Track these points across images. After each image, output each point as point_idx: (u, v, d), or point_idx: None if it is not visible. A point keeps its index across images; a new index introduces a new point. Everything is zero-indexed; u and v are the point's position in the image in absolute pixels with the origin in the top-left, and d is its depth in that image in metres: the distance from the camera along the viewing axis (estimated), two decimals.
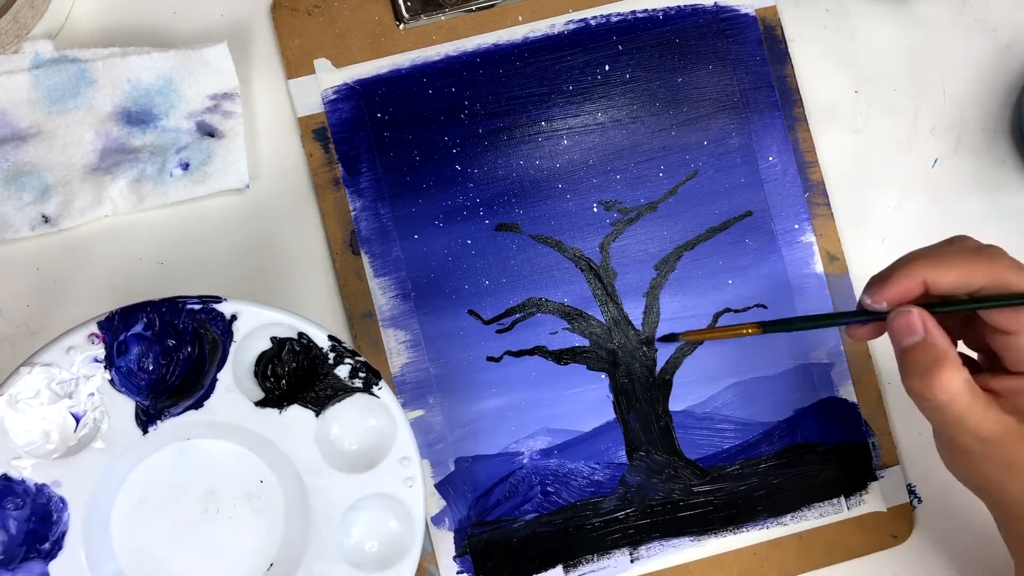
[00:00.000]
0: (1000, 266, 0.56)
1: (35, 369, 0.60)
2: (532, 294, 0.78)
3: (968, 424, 0.58)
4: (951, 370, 0.57)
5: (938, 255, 0.58)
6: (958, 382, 0.57)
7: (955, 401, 0.57)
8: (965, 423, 0.58)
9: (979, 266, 0.57)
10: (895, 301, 0.59)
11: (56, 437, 0.62)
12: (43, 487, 0.61)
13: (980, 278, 0.57)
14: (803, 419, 0.79)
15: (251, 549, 0.65)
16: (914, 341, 0.58)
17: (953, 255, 0.58)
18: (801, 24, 0.81)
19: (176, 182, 0.75)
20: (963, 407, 0.57)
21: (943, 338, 0.58)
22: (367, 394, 0.64)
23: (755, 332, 0.63)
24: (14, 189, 0.74)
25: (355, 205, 0.77)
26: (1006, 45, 0.82)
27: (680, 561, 0.77)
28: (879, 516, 0.79)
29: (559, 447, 0.77)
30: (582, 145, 0.78)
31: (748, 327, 0.64)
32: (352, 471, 0.64)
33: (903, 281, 0.58)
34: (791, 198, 0.79)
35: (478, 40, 0.78)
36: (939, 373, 0.57)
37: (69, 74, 0.74)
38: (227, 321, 0.62)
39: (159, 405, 0.62)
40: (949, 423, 0.59)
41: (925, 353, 0.58)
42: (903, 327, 0.58)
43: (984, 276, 0.57)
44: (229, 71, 0.76)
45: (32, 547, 0.61)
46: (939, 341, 0.57)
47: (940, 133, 0.82)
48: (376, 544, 0.65)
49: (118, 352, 0.61)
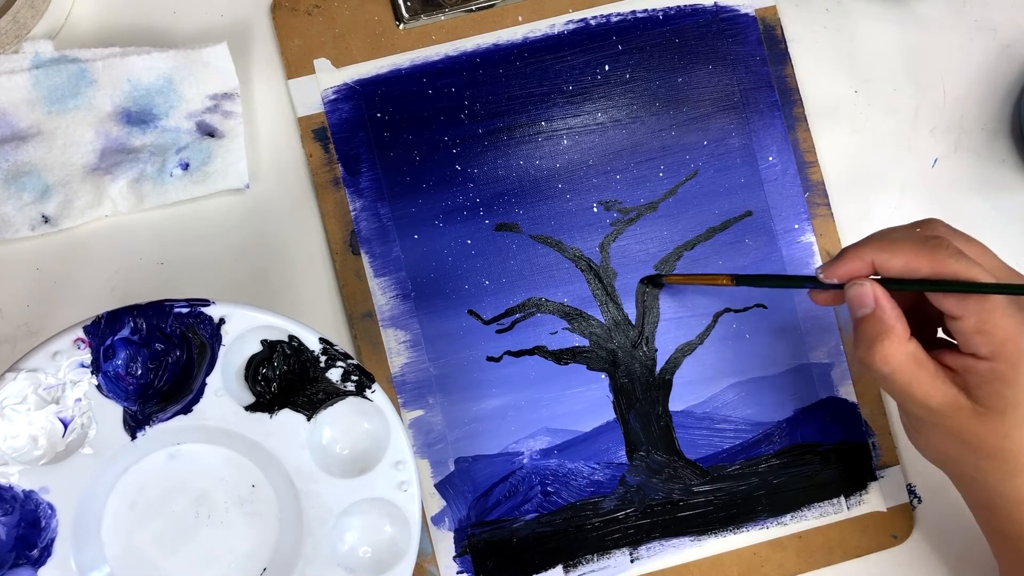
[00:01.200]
0: (942, 255, 0.57)
1: (20, 375, 0.57)
2: (532, 294, 0.75)
3: (915, 395, 0.59)
4: (895, 342, 0.58)
5: (889, 241, 0.60)
6: (901, 354, 0.58)
7: (898, 372, 0.59)
8: (912, 394, 0.59)
9: (923, 255, 0.58)
10: (844, 278, 0.61)
11: (44, 443, 0.59)
12: (31, 493, 0.58)
13: (924, 267, 0.58)
14: (803, 419, 0.76)
15: (244, 554, 0.62)
16: (864, 312, 0.59)
17: (902, 242, 0.59)
18: (801, 24, 0.78)
19: (176, 182, 0.72)
20: (907, 378, 0.59)
21: (892, 311, 0.59)
22: (360, 397, 0.61)
23: (728, 283, 0.69)
24: (14, 189, 0.71)
25: (355, 205, 0.73)
26: (1006, 45, 0.79)
27: (680, 561, 0.75)
28: (879, 516, 0.76)
29: (559, 447, 0.74)
30: (582, 145, 0.75)
31: (723, 277, 0.69)
32: (345, 475, 0.61)
33: (853, 262, 0.60)
34: (791, 198, 0.76)
35: (478, 40, 0.75)
36: (882, 344, 0.59)
37: (69, 74, 0.71)
38: (216, 324, 0.59)
39: (147, 410, 0.59)
40: (897, 393, 0.60)
41: (873, 325, 0.59)
42: (856, 298, 0.60)
43: (928, 265, 0.57)
44: (229, 71, 0.73)
45: (21, 554, 0.59)
46: (887, 315, 0.59)
47: (940, 133, 0.79)
48: (370, 549, 0.63)
49: (105, 357, 0.58)
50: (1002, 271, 0.60)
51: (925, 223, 0.61)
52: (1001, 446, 0.59)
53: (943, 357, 0.60)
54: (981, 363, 0.58)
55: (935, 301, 0.58)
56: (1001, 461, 0.59)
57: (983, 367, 0.57)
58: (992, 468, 0.60)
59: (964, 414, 0.59)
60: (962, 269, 0.56)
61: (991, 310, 0.57)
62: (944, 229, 0.60)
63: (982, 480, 0.61)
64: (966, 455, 0.61)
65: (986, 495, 0.62)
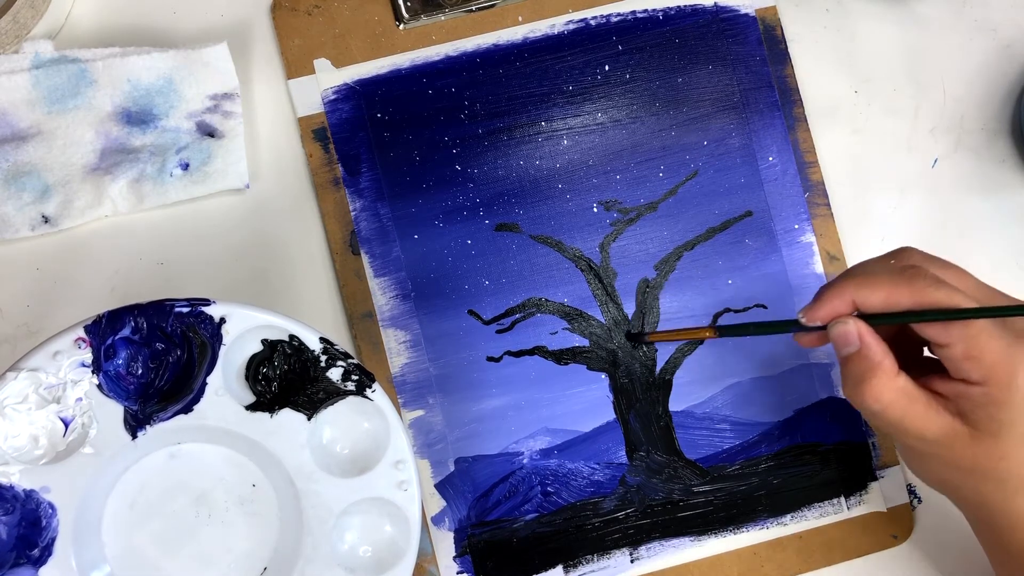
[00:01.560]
0: (920, 285, 0.57)
1: (21, 374, 0.57)
2: (532, 294, 0.74)
3: (909, 429, 0.59)
4: (883, 379, 0.58)
5: (866, 276, 0.59)
6: (890, 391, 0.58)
7: (890, 409, 0.59)
8: (905, 428, 0.59)
9: (901, 287, 0.58)
10: (825, 320, 0.60)
11: (44, 442, 0.58)
12: (32, 493, 0.58)
13: (905, 299, 0.58)
14: (803, 419, 0.75)
15: (244, 553, 0.62)
16: (850, 351, 0.59)
17: (880, 276, 0.59)
18: (801, 24, 0.78)
19: (176, 182, 0.72)
20: (899, 413, 0.59)
21: (878, 348, 0.59)
22: (360, 397, 0.60)
23: (712, 336, 0.69)
24: (14, 189, 0.71)
25: (355, 205, 0.73)
26: (1006, 45, 0.79)
27: (680, 561, 0.74)
28: (879, 516, 0.76)
29: (559, 447, 0.74)
30: (582, 145, 0.75)
31: (706, 330, 0.69)
32: (345, 475, 0.61)
33: (833, 302, 0.60)
34: (791, 198, 0.76)
35: (478, 40, 0.75)
36: (871, 383, 0.58)
37: (69, 74, 0.71)
38: (216, 324, 0.58)
39: (148, 410, 0.59)
40: (891, 428, 0.60)
41: (859, 364, 0.59)
42: (839, 337, 0.59)
43: (908, 297, 0.57)
44: (229, 71, 0.73)
45: (22, 553, 0.58)
46: (873, 351, 0.58)
47: (940, 133, 0.79)
48: (370, 549, 0.62)
49: (106, 356, 0.58)
50: (982, 292, 0.59)
51: (899, 253, 0.61)
52: (998, 467, 0.58)
53: (933, 384, 0.59)
54: (973, 388, 0.57)
55: (920, 331, 0.58)
56: (1000, 482, 0.59)
57: (975, 392, 0.57)
58: (991, 490, 0.60)
59: (960, 441, 0.58)
60: (943, 297, 0.56)
61: (977, 335, 0.56)
62: (919, 257, 0.60)
63: (982, 502, 0.61)
64: (966, 480, 0.61)
65: (988, 515, 0.62)
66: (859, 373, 0.58)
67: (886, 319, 0.58)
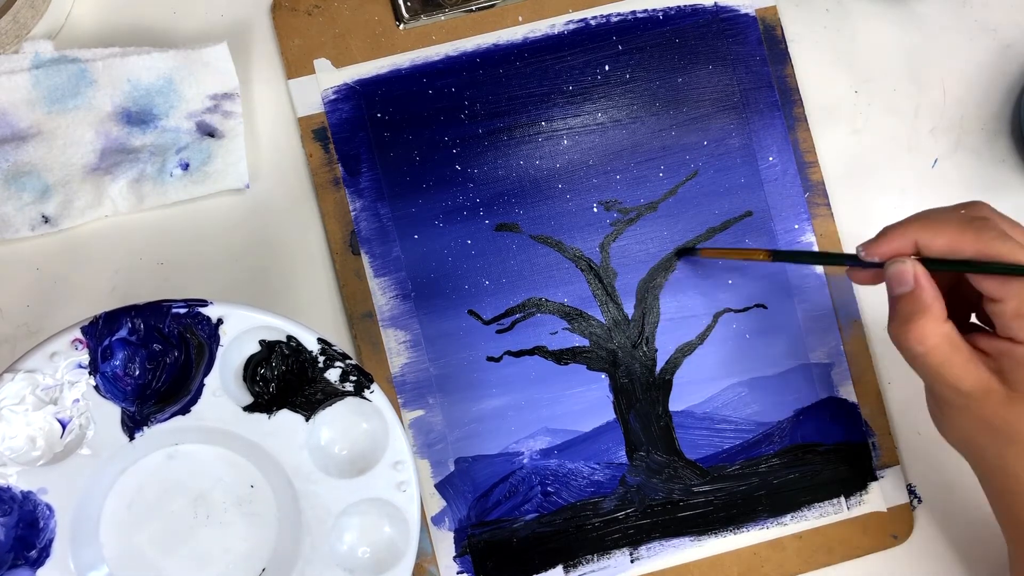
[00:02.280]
0: (987, 236, 0.56)
1: (18, 376, 0.56)
2: (532, 294, 0.74)
3: (947, 377, 0.58)
4: (930, 322, 0.58)
5: (933, 220, 0.59)
6: (936, 335, 0.58)
7: (932, 352, 0.58)
8: (944, 375, 0.58)
9: (967, 235, 0.57)
10: (885, 256, 0.60)
11: (42, 444, 0.58)
12: (29, 494, 0.58)
13: (969, 247, 0.57)
14: (803, 419, 0.75)
15: (243, 554, 0.62)
16: (903, 291, 0.59)
17: (947, 222, 0.58)
18: (801, 24, 0.77)
19: (176, 182, 0.72)
20: (941, 359, 0.58)
21: (931, 291, 0.58)
22: (359, 398, 0.60)
23: (765, 258, 0.69)
24: (14, 189, 0.71)
25: (355, 205, 0.73)
26: (1006, 45, 0.79)
27: (680, 561, 0.74)
28: (879, 516, 0.75)
29: (559, 447, 0.73)
30: (582, 145, 0.75)
31: (760, 252, 0.69)
32: (344, 476, 0.61)
33: (896, 240, 0.59)
34: (791, 198, 0.76)
35: (478, 40, 0.74)
36: (917, 323, 0.58)
37: (69, 74, 0.71)
38: (213, 325, 0.58)
39: (145, 411, 0.58)
40: (929, 374, 0.59)
41: (910, 304, 0.58)
42: (895, 276, 0.59)
43: (972, 246, 0.57)
44: (229, 71, 0.72)
45: (20, 554, 0.58)
46: (926, 294, 0.58)
47: (940, 133, 0.78)
48: (369, 550, 0.62)
49: (103, 357, 0.57)
50: None
51: (971, 205, 0.60)
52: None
53: (977, 341, 0.59)
54: (1018, 347, 0.57)
55: (976, 283, 0.58)
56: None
57: (1020, 351, 0.57)
58: (1015, 455, 0.59)
59: (994, 398, 0.58)
60: (1007, 251, 0.56)
61: None
62: (990, 211, 0.59)
63: (1003, 467, 0.60)
64: (990, 441, 0.60)
65: (1005, 482, 0.61)
66: (908, 313, 0.58)
67: (946, 265, 0.58)
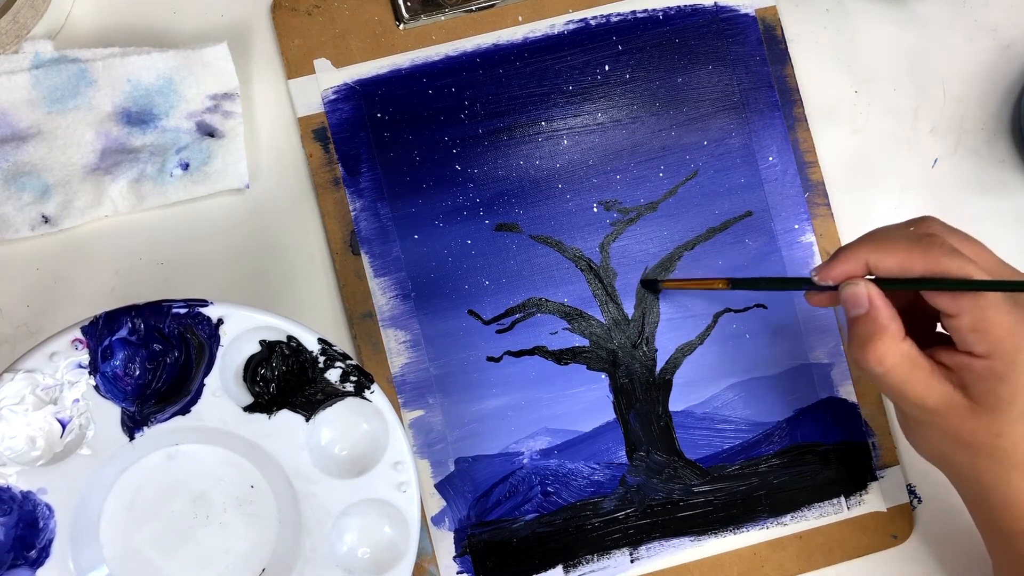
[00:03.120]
0: (936, 253, 0.57)
1: (18, 375, 0.56)
2: (532, 294, 0.74)
3: (909, 395, 0.59)
4: (887, 341, 0.58)
5: (883, 240, 0.59)
6: (894, 354, 0.58)
7: (892, 372, 0.58)
8: (906, 394, 0.59)
9: (916, 253, 0.57)
10: (838, 279, 0.60)
11: (42, 444, 0.58)
12: (29, 494, 0.57)
13: (919, 266, 0.57)
14: (803, 419, 0.75)
15: (243, 554, 0.62)
16: (859, 313, 0.59)
17: (896, 241, 0.59)
18: (801, 24, 0.77)
19: (176, 182, 0.71)
20: (902, 377, 0.58)
21: (886, 311, 0.59)
22: (359, 398, 0.60)
23: (724, 287, 0.68)
24: (14, 189, 0.70)
25: (355, 205, 0.73)
26: (1006, 45, 0.79)
27: (680, 561, 0.74)
28: (879, 516, 0.75)
29: (559, 447, 0.73)
30: (582, 145, 0.74)
31: (719, 282, 0.69)
32: (344, 476, 0.60)
33: (847, 263, 0.60)
34: (791, 198, 0.75)
35: (478, 40, 0.74)
36: (875, 344, 0.58)
37: (69, 74, 0.71)
38: (214, 325, 0.58)
39: (145, 411, 0.58)
40: (892, 393, 0.60)
41: (866, 325, 0.59)
42: (849, 298, 0.59)
43: (922, 264, 0.57)
44: (229, 71, 0.72)
45: (19, 554, 0.58)
46: (882, 315, 0.58)
47: (940, 133, 0.78)
48: (369, 550, 0.62)
49: (103, 357, 0.57)
50: (998, 268, 0.59)
51: (919, 221, 0.61)
52: (995, 444, 0.58)
53: (939, 355, 0.59)
54: (977, 361, 0.57)
55: (930, 299, 0.58)
56: (995, 459, 0.59)
57: (979, 365, 0.57)
58: (986, 466, 0.60)
59: (959, 412, 0.58)
60: (956, 267, 0.56)
61: (986, 307, 0.56)
62: (939, 227, 0.60)
63: (977, 478, 0.61)
64: (961, 453, 0.60)
65: (981, 492, 0.62)
66: (865, 334, 0.58)
67: (898, 284, 0.58)
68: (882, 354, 0.58)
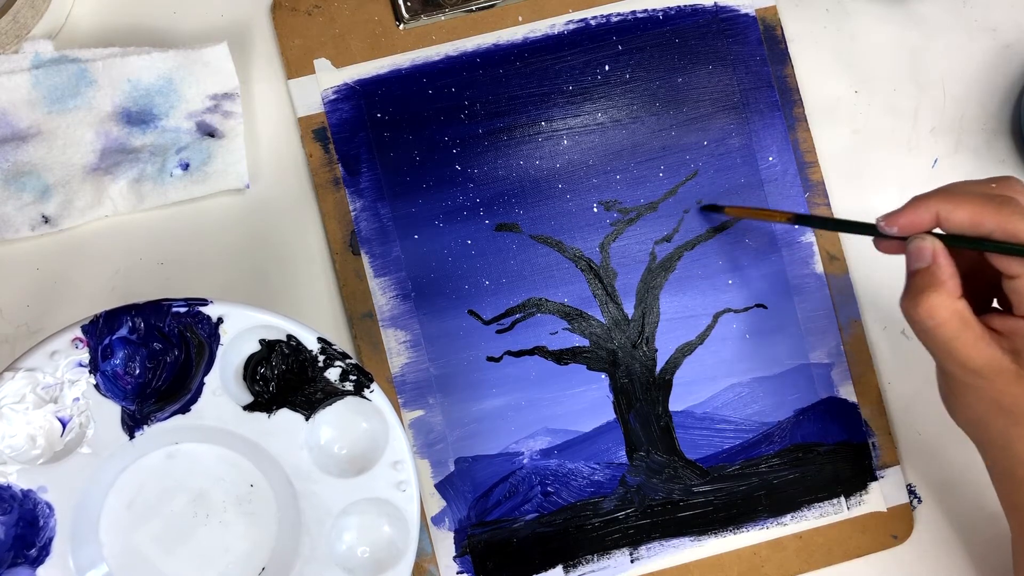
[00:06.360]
0: (1007, 213, 0.56)
1: (19, 374, 0.56)
2: (532, 294, 0.74)
3: (957, 353, 0.58)
4: (942, 296, 0.57)
5: (958, 193, 0.58)
6: (947, 309, 0.57)
7: (942, 327, 0.58)
8: (953, 352, 0.58)
9: (989, 211, 0.56)
10: (905, 229, 0.59)
11: (42, 442, 0.58)
12: (29, 492, 0.57)
13: (990, 223, 0.56)
14: (803, 419, 0.75)
15: (242, 553, 0.61)
16: (920, 267, 0.58)
17: (969, 196, 0.58)
18: (801, 24, 0.77)
19: (176, 182, 0.72)
20: (950, 335, 0.58)
21: (948, 268, 0.58)
22: (359, 397, 0.60)
23: (787, 221, 0.69)
24: (14, 189, 0.70)
25: (355, 205, 0.73)
26: (1006, 45, 0.79)
27: (680, 561, 0.74)
28: (879, 516, 0.75)
29: (559, 447, 0.73)
30: (582, 145, 0.74)
31: (783, 215, 0.70)
32: (343, 475, 0.60)
33: (917, 211, 0.59)
34: (791, 198, 0.75)
35: (478, 40, 0.74)
36: (929, 296, 0.57)
37: (69, 74, 0.71)
38: (214, 324, 0.58)
39: (145, 409, 0.58)
40: (939, 349, 0.59)
41: (924, 278, 0.58)
42: (914, 252, 0.59)
43: (993, 222, 0.56)
44: (229, 71, 0.72)
45: (19, 553, 0.58)
46: (943, 270, 0.58)
47: (940, 133, 0.78)
48: (368, 549, 0.62)
49: (103, 356, 0.57)
50: None
51: (1002, 180, 0.59)
52: None
53: (992, 321, 0.59)
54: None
55: (993, 259, 0.58)
56: None
57: None
58: (1020, 435, 0.59)
59: (1004, 377, 0.58)
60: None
61: None
62: (1020, 189, 0.59)
63: (1008, 447, 0.61)
64: (998, 419, 0.60)
65: (1010, 463, 0.61)
66: (921, 286, 0.58)
67: (965, 243, 0.58)
68: (935, 307, 0.57)
